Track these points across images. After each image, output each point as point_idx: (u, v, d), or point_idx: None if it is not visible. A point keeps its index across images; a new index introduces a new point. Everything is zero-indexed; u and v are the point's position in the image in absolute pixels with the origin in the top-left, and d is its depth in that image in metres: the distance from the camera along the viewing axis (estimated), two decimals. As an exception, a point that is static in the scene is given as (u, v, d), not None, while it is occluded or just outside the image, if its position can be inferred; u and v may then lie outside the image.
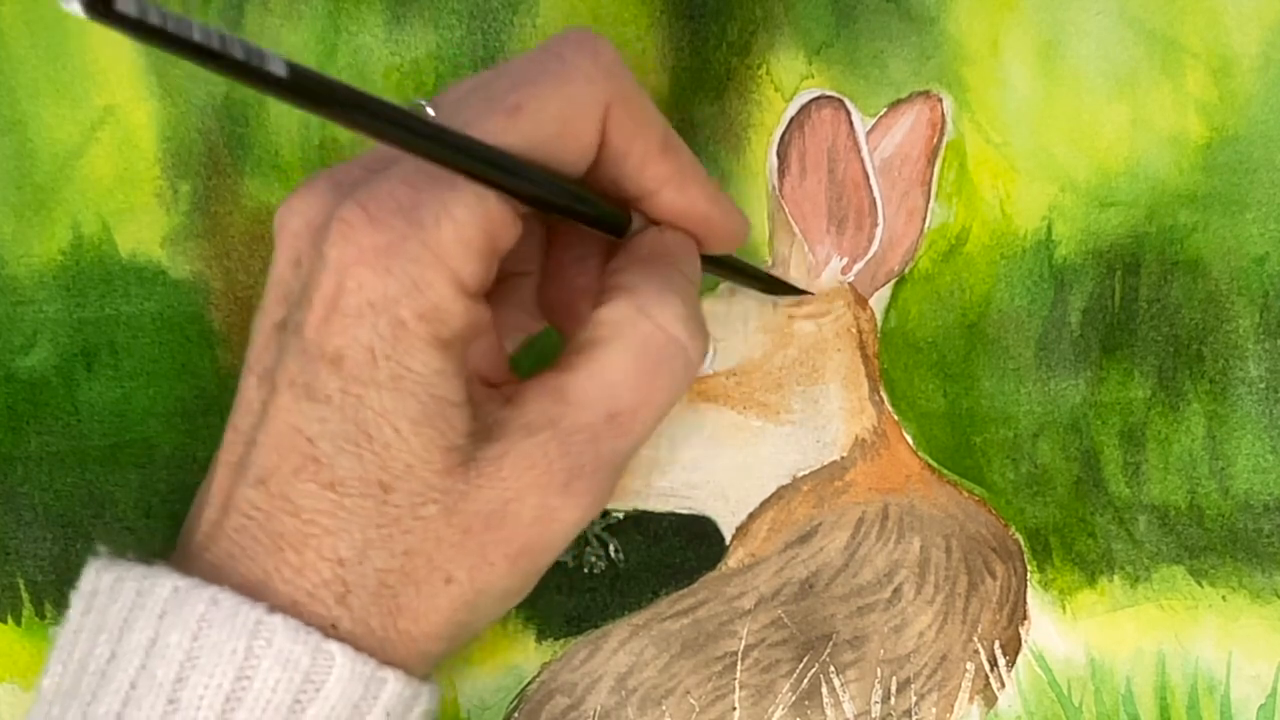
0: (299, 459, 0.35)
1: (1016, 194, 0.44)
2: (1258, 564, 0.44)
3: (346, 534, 0.35)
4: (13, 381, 0.43)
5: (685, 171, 0.38)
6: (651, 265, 0.38)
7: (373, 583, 0.35)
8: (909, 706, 0.43)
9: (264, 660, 0.34)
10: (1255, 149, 0.44)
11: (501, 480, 0.35)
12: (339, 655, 0.34)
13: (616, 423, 0.36)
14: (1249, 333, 0.44)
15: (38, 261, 0.44)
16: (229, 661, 0.34)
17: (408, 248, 0.34)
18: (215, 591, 0.34)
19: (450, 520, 0.35)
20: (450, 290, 0.34)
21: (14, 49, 0.43)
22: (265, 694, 0.34)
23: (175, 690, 0.34)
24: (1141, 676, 0.44)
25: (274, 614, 0.34)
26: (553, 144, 0.35)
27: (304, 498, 0.35)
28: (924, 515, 0.44)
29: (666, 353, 0.36)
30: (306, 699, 0.34)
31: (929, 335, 0.44)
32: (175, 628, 0.34)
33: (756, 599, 0.43)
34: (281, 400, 0.35)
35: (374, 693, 0.35)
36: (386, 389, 0.34)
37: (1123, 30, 0.44)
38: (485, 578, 0.35)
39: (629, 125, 0.37)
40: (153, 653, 0.34)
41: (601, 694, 0.43)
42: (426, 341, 0.34)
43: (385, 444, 0.34)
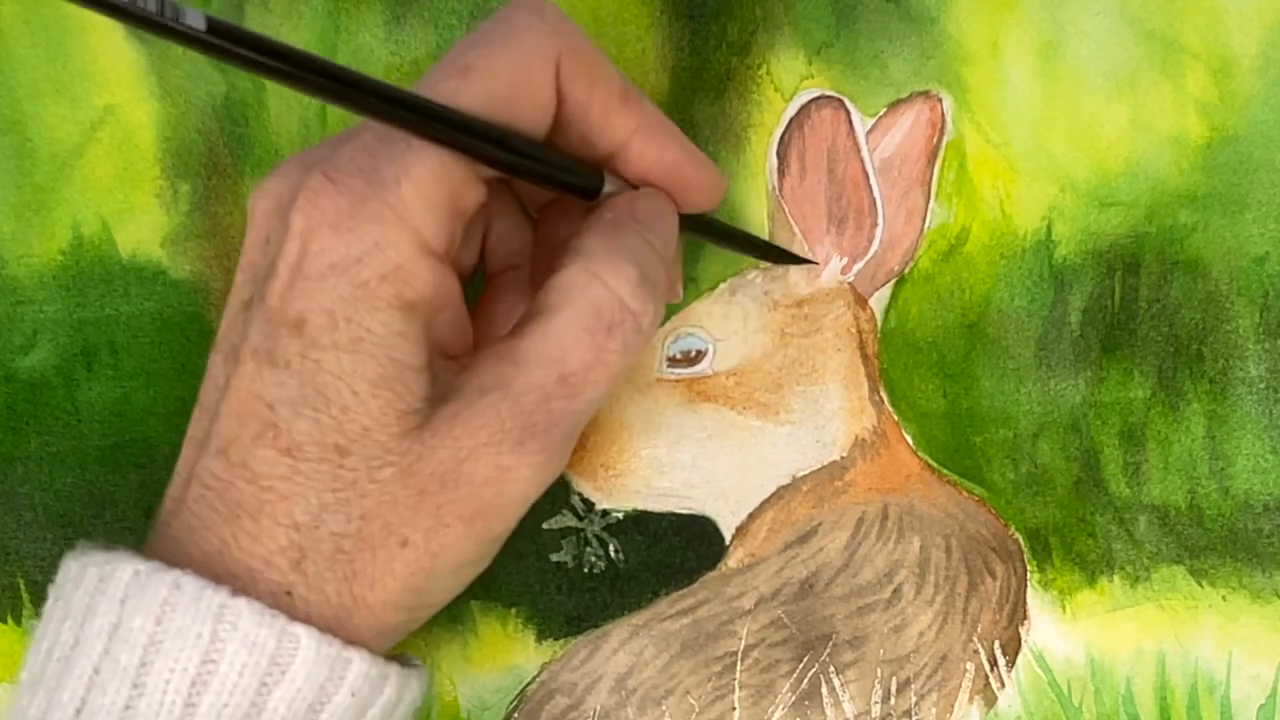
0: (258, 426, 0.35)
1: (1016, 194, 0.44)
2: (1258, 564, 0.44)
3: (302, 499, 0.35)
4: (13, 381, 0.43)
5: (650, 121, 0.38)
6: (614, 229, 0.38)
7: (328, 548, 0.35)
8: (909, 706, 0.43)
9: (229, 644, 0.34)
10: (1255, 149, 0.44)
11: (454, 440, 0.35)
12: (304, 637, 0.34)
13: (567, 383, 0.36)
14: (1249, 333, 0.44)
15: (38, 261, 0.44)
16: (194, 646, 0.34)
17: (369, 208, 0.34)
18: (177, 575, 0.34)
19: (406, 482, 0.35)
20: (413, 249, 0.34)
21: (14, 49, 0.43)
22: (231, 677, 0.34)
23: (139, 675, 0.34)
24: (1142, 676, 0.44)
25: (238, 597, 0.34)
26: (507, 102, 0.35)
27: (262, 464, 0.35)
28: (924, 515, 0.44)
29: (618, 317, 0.36)
30: (272, 681, 0.34)
31: (929, 335, 0.44)
32: (138, 612, 0.34)
33: (756, 599, 0.43)
34: (244, 370, 0.35)
35: (339, 673, 0.35)
36: (345, 351, 0.34)
37: (1123, 30, 0.44)
38: (441, 540, 0.35)
39: (583, 77, 0.37)
40: (115, 638, 0.34)
41: (601, 694, 0.43)
42: (388, 302, 0.34)
43: (343, 407, 0.34)
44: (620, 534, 0.44)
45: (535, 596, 0.44)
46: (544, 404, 0.36)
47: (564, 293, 0.37)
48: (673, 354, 0.44)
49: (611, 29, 0.44)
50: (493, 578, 0.44)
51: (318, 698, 0.35)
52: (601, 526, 0.44)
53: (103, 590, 0.34)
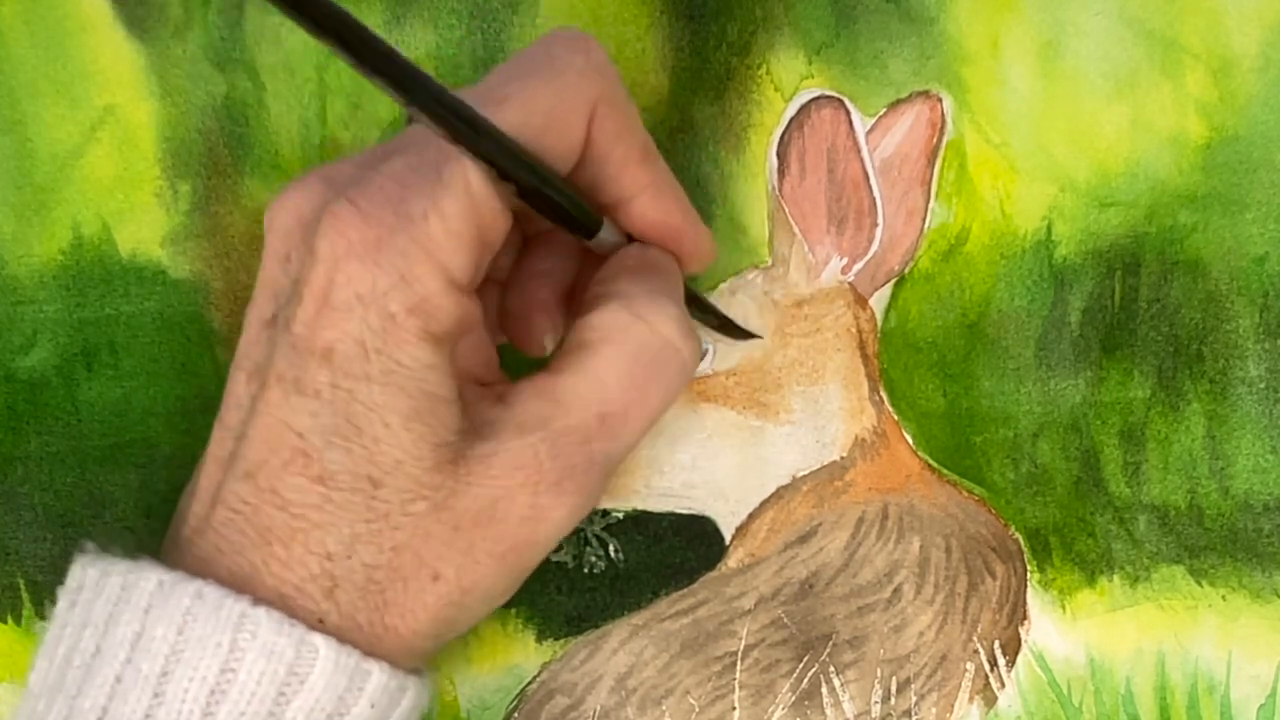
0: (288, 453, 0.35)
1: (1016, 194, 0.44)
2: (1257, 564, 0.44)
3: (335, 528, 0.35)
4: (13, 381, 0.43)
5: (662, 182, 0.38)
6: (641, 274, 0.38)
7: (360, 578, 0.35)
8: (909, 706, 0.43)
9: (249, 653, 0.34)
10: (1255, 149, 0.44)
11: (491, 478, 0.35)
12: (323, 647, 0.34)
13: (608, 424, 0.36)
14: (1249, 332, 0.44)
15: (38, 261, 0.44)
16: (213, 655, 0.34)
17: (396, 241, 0.34)
18: (200, 585, 0.34)
19: (439, 517, 0.35)
20: (439, 284, 0.34)
21: (14, 49, 0.43)
22: (250, 686, 0.34)
23: (160, 684, 0.34)
24: (1141, 676, 0.44)
25: (258, 606, 0.34)
26: (539, 137, 0.35)
27: (292, 491, 0.35)
28: (924, 515, 0.44)
29: (661, 356, 0.37)
30: (291, 691, 0.34)
31: (929, 335, 0.44)
32: (160, 621, 0.34)
33: (756, 599, 0.43)
34: (271, 395, 0.35)
35: (359, 684, 0.35)
36: (377, 383, 0.34)
37: (1122, 30, 0.44)
38: (472, 576, 0.36)
39: (614, 127, 0.37)
40: (138, 647, 0.34)
41: (601, 694, 0.43)
42: (417, 335, 0.34)
43: (375, 438, 0.34)
44: (620, 534, 0.44)
45: (535, 596, 0.44)
46: (584, 445, 0.36)
47: (605, 332, 0.37)
48: (673, 354, 0.44)
49: (611, 29, 0.44)
50: (493, 578, 0.44)
51: (336, 709, 0.35)
52: (601, 526, 0.44)
53: (126, 599, 0.34)
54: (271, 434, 0.35)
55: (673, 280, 0.39)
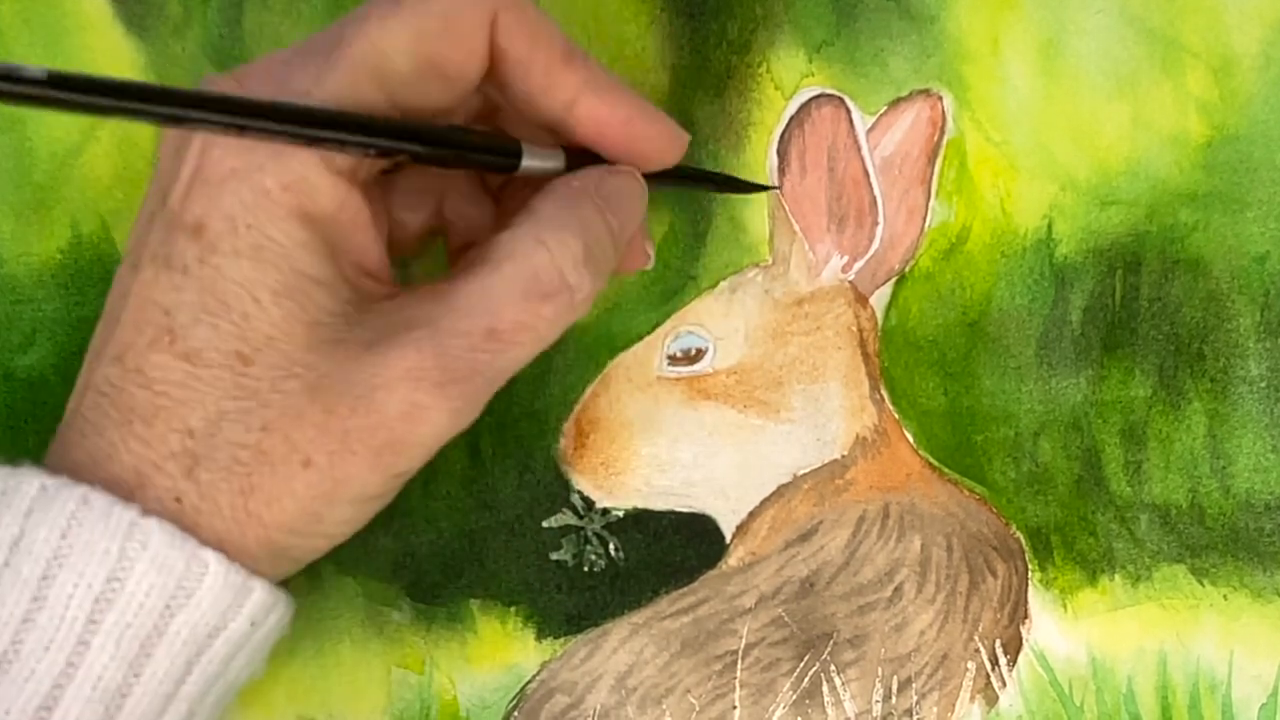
0: (154, 331, 0.34)
1: (1017, 192, 0.44)
2: (1259, 563, 0.44)
3: (199, 405, 0.34)
4: (11, 380, 0.43)
5: (597, 78, 0.37)
6: (573, 199, 0.37)
7: (224, 457, 0.34)
8: (910, 705, 0.43)
9: (138, 563, 0.33)
10: (1256, 148, 0.44)
11: (372, 366, 0.34)
12: (213, 563, 0.34)
13: (495, 337, 0.36)
14: (1250, 331, 0.44)
15: (36, 260, 0.44)
16: (100, 562, 0.33)
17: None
18: (86, 491, 0.34)
19: (313, 397, 0.34)
20: (315, 162, 0.34)
21: (14, 49, 0.43)
22: (138, 597, 0.33)
23: (41, 588, 0.33)
24: (1143, 676, 0.43)
25: (148, 516, 0.33)
26: (437, 40, 0.35)
27: (156, 369, 0.34)
28: (925, 514, 0.44)
29: (556, 285, 0.36)
30: (177, 605, 0.34)
31: (929, 334, 0.44)
32: (42, 525, 0.33)
33: (757, 597, 0.43)
34: (143, 275, 0.35)
35: (240, 601, 0.35)
36: (246, 258, 0.34)
37: (1123, 29, 0.44)
38: (345, 467, 0.35)
39: (523, 33, 0.36)
40: (17, 549, 0.33)
41: (601, 693, 0.43)
42: (290, 211, 0.34)
43: (244, 314, 0.34)
44: (620, 532, 0.44)
45: (535, 595, 0.44)
46: (469, 353, 0.35)
47: (507, 251, 0.36)
48: (673, 352, 0.44)
49: (611, 28, 0.44)
50: (492, 576, 0.44)
51: (218, 624, 0.35)
52: (602, 525, 0.44)
53: (6, 503, 0.34)
54: (140, 314, 0.35)
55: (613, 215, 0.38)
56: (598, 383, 0.44)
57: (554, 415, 0.44)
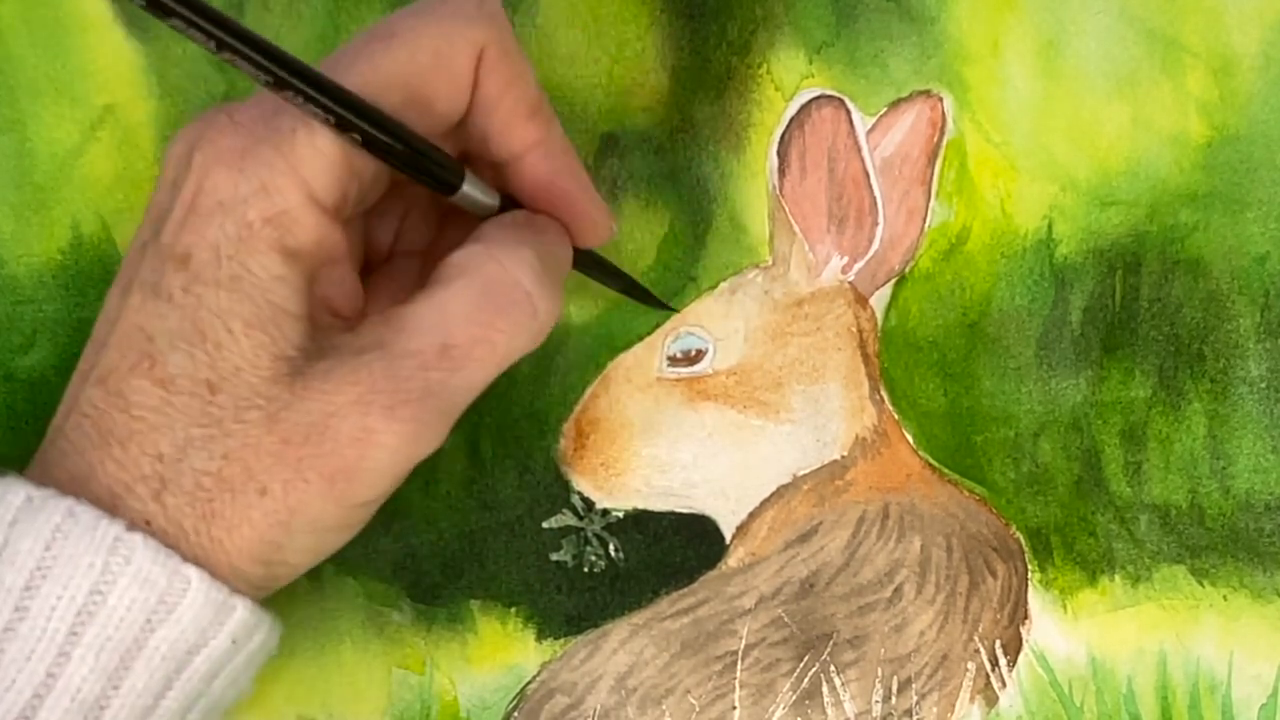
0: (136, 356, 0.35)
1: (1017, 193, 0.44)
2: (1259, 563, 0.44)
3: (170, 431, 0.35)
4: (12, 381, 0.43)
5: (554, 143, 0.38)
6: (515, 228, 0.38)
7: (189, 483, 0.35)
8: (910, 706, 0.43)
9: (121, 577, 0.34)
10: (1256, 148, 0.44)
11: (324, 394, 0.35)
12: (195, 580, 0.34)
13: (448, 355, 0.36)
14: (1250, 332, 0.44)
15: (37, 261, 0.44)
16: (84, 575, 0.34)
17: (261, 151, 0.35)
18: (72, 504, 0.34)
19: (271, 428, 0.35)
20: (299, 198, 0.35)
21: (14, 49, 0.43)
22: (120, 611, 0.34)
23: (24, 598, 0.33)
24: (1143, 676, 0.43)
25: (133, 531, 0.34)
26: (426, 74, 0.36)
27: (136, 394, 0.35)
28: (925, 514, 0.44)
29: (510, 297, 0.36)
30: (158, 620, 0.34)
31: (929, 334, 0.44)
32: (27, 535, 0.34)
33: (757, 598, 0.43)
34: (132, 301, 0.36)
35: (222, 619, 0.35)
36: (225, 289, 0.35)
37: (1123, 29, 0.44)
38: (299, 495, 0.35)
39: (502, 73, 0.37)
40: (1, 559, 0.34)
41: (601, 693, 0.43)
42: (270, 245, 0.35)
43: (217, 343, 0.35)
44: (620, 533, 0.44)
45: (535, 596, 0.44)
46: (421, 372, 0.35)
47: (458, 268, 0.37)
48: (673, 353, 0.44)
49: (611, 29, 0.44)
50: (493, 577, 0.44)
51: (198, 641, 0.35)
52: (601, 526, 0.44)
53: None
54: (126, 338, 0.35)
55: (546, 239, 0.38)
56: (597, 383, 0.44)
57: (554, 416, 0.44)
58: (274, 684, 0.43)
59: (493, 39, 0.36)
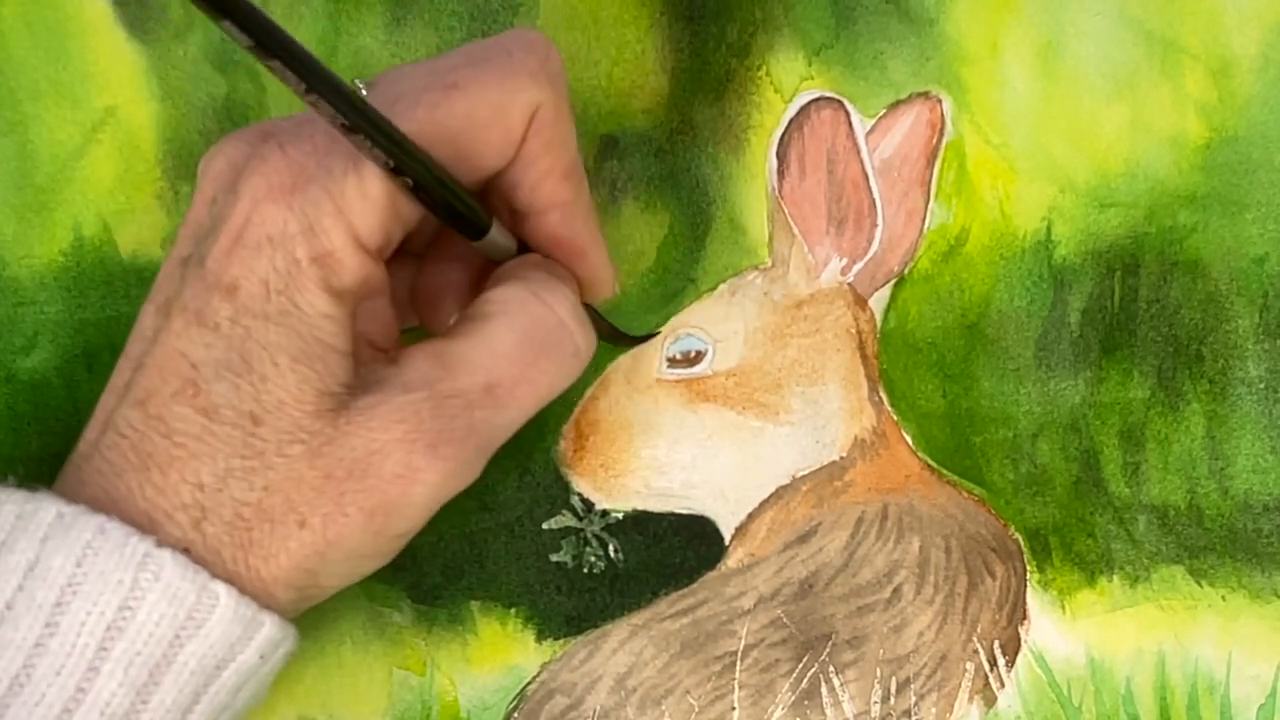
0: (179, 382, 0.35)
1: (1016, 194, 0.44)
2: (1257, 564, 0.44)
3: (211, 460, 0.35)
4: (14, 383, 0.44)
5: (580, 204, 0.39)
6: (544, 267, 0.39)
7: (229, 513, 0.35)
8: (909, 706, 0.43)
9: (150, 593, 0.34)
10: (1255, 149, 0.44)
11: (369, 430, 0.36)
12: (224, 595, 0.35)
13: (493, 395, 0.37)
14: (1248, 333, 0.44)
15: (39, 263, 0.44)
16: (114, 591, 0.34)
17: (312, 191, 0.35)
18: (103, 520, 0.34)
19: (313, 463, 0.35)
20: (345, 240, 0.35)
21: (14, 50, 0.44)
22: (149, 627, 0.34)
23: (54, 614, 0.34)
24: (1141, 676, 0.44)
25: (163, 549, 0.34)
26: (481, 130, 0.36)
27: (178, 420, 0.35)
28: (923, 515, 0.44)
29: (555, 335, 0.37)
30: (186, 635, 0.34)
31: (928, 336, 0.44)
32: (58, 552, 0.34)
33: (756, 599, 0.43)
34: (174, 325, 0.36)
35: (250, 634, 0.35)
36: (274, 322, 0.35)
37: (1122, 31, 0.44)
38: (338, 528, 0.36)
39: (548, 136, 0.37)
40: (32, 575, 0.34)
41: (601, 694, 0.43)
42: (317, 283, 0.35)
43: (263, 376, 0.35)
44: (620, 534, 0.44)
45: (535, 596, 0.44)
46: (466, 411, 0.36)
47: (503, 304, 0.37)
48: (672, 354, 0.44)
49: (611, 30, 0.44)
50: (493, 578, 0.44)
51: (227, 655, 0.35)
52: (601, 526, 0.44)
53: (22, 528, 0.34)
54: (167, 363, 0.36)
55: (570, 281, 0.40)
56: (597, 385, 0.44)
57: (553, 417, 0.44)
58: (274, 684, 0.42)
59: (549, 99, 0.37)
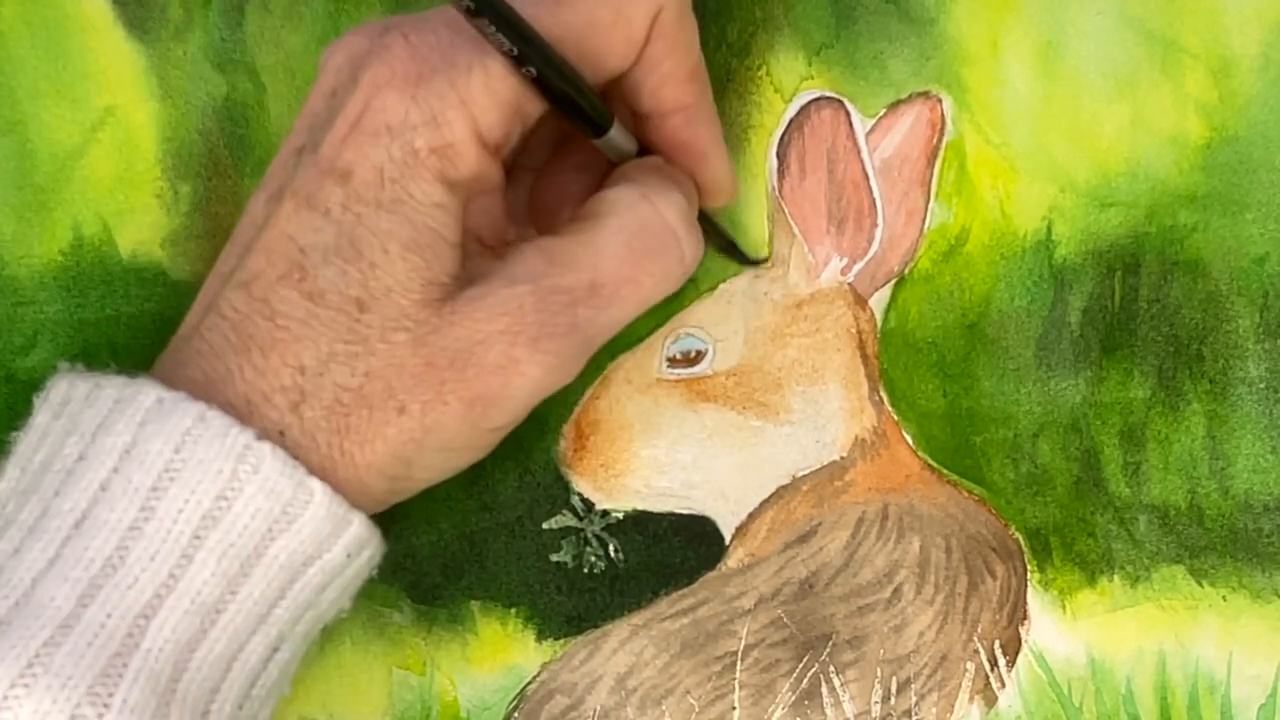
0: (286, 265, 0.36)
1: (1016, 194, 0.44)
2: (1258, 564, 0.44)
3: (313, 344, 0.35)
4: (13, 382, 0.44)
5: (703, 107, 0.39)
6: (658, 170, 0.39)
7: (329, 397, 0.35)
8: (909, 706, 0.43)
9: (248, 486, 0.34)
10: (1255, 149, 0.44)
11: (474, 321, 0.36)
12: (319, 493, 0.35)
13: (598, 293, 0.37)
14: (1249, 333, 0.44)
15: (38, 262, 0.44)
16: (213, 480, 0.34)
17: (436, 82, 0.35)
18: (204, 408, 0.34)
19: (416, 350, 0.35)
20: (467, 133, 0.35)
21: (14, 49, 0.44)
22: (245, 519, 0.34)
23: (150, 498, 0.34)
24: (1142, 676, 0.44)
25: (263, 441, 0.34)
26: (603, 30, 0.36)
27: (282, 303, 0.35)
28: (924, 515, 0.44)
29: (661, 239, 0.37)
30: (279, 530, 0.35)
31: (929, 335, 0.44)
32: (157, 437, 0.34)
33: (756, 599, 0.43)
34: (283, 210, 0.36)
35: (338, 532, 0.35)
36: (385, 209, 0.35)
37: (1122, 31, 0.44)
38: (436, 416, 0.36)
39: (673, 37, 0.37)
40: (129, 458, 0.34)
41: (601, 694, 0.43)
42: (434, 174, 0.35)
43: (372, 263, 0.35)
44: (620, 534, 0.44)
45: (535, 596, 0.44)
46: (570, 308, 0.36)
47: (612, 205, 0.37)
48: (672, 354, 0.44)
49: (611, 30, 0.44)
50: (493, 577, 0.44)
51: (315, 552, 0.35)
52: (601, 526, 0.44)
53: (120, 411, 0.34)
54: (275, 246, 0.36)
55: (686, 186, 0.39)
56: (597, 385, 0.44)
57: (554, 417, 0.44)
58: (274, 684, 0.43)
59: (672, 2, 0.37)
